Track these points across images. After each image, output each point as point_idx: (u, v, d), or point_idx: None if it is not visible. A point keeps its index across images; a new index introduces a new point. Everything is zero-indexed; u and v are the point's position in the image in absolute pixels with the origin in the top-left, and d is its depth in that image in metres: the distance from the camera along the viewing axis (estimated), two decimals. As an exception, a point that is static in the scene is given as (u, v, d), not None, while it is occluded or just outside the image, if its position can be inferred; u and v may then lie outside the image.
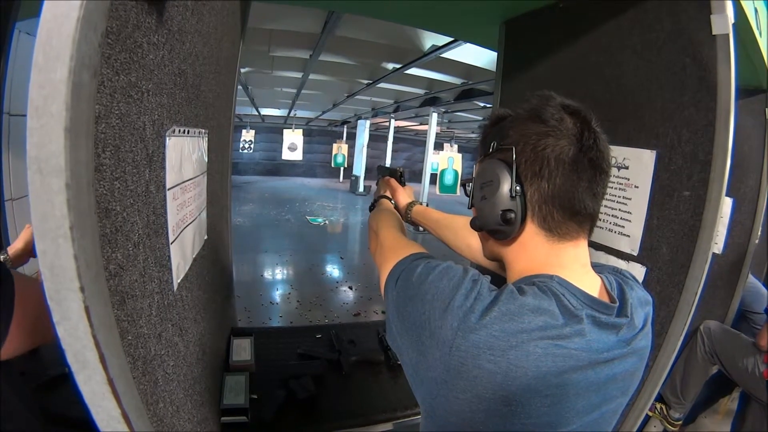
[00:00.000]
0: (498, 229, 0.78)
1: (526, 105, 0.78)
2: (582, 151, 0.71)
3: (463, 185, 0.95)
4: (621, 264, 1.54)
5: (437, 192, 10.28)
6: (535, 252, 0.77)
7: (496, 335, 0.61)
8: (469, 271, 0.72)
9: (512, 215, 0.74)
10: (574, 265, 0.76)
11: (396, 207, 1.48)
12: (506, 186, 0.75)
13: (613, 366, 0.70)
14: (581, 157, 0.71)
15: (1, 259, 1.27)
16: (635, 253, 1.51)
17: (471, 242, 1.28)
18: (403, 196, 1.51)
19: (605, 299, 0.74)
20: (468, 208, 0.91)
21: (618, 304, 0.74)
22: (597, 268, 0.81)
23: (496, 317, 0.63)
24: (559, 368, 0.63)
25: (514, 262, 0.81)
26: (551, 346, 0.63)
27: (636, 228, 1.50)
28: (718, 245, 2.73)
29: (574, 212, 0.73)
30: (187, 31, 0.93)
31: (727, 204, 2.68)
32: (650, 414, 2.95)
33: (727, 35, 1.23)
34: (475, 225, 0.85)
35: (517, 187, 0.74)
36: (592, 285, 0.76)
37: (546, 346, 0.62)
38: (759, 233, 2.95)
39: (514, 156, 0.74)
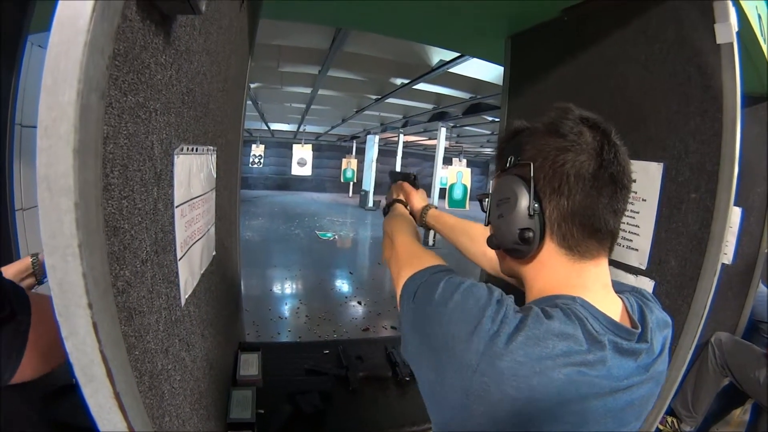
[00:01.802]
0: (516, 248, 0.76)
1: (543, 118, 0.76)
2: (602, 167, 0.69)
3: (480, 201, 0.93)
4: (629, 278, 1.53)
5: (446, 206, 10.23)
6: (555, 271, 0.75)
7: (521, 361, 0.59)
8: (494, 291, 0.70)
9: (530, 234, 0.73)
10: (596, 285, 0.74)
11: (410, 211, 1.46)
12: (524, 203, 0.73)
13: (632, 392, 0.68)
14: (602, 172, 0.69)
15: (31, 261, 1.26)
16: (644, 267, 1.50)
17: (487, 250, 1.24)
18: (418, 199, 1.48)
19: (626, 323, 0.72)
20: (485, 225, 0.89)
21: (640, 329, 0.72)
22: (616, 287, 0.79)
23: (522, 342, 0.61)
24: (582, 395, 0.62)
25: (533, 281, 0.79)
26: (574, 373, 0.61)
27: (644, 241, 1.49)
28: (727, 255, 2.71)
29: (595, 230, 0.71)
30: (195, 50, 0.95)
31: (735, 213, 2.66)
32: (661, 428, 2.91)
33: (731, 44, 1.24)
34: (492, 243, 0.83)
35: (536, 205, 0.72)
36: (614, 307, 0.74)
37: (569, 373, 0.61)
38: (768, 242, 2.92)
39: (531, 172, 0.72)
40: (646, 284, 1.47)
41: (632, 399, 0.69)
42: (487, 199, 0.87)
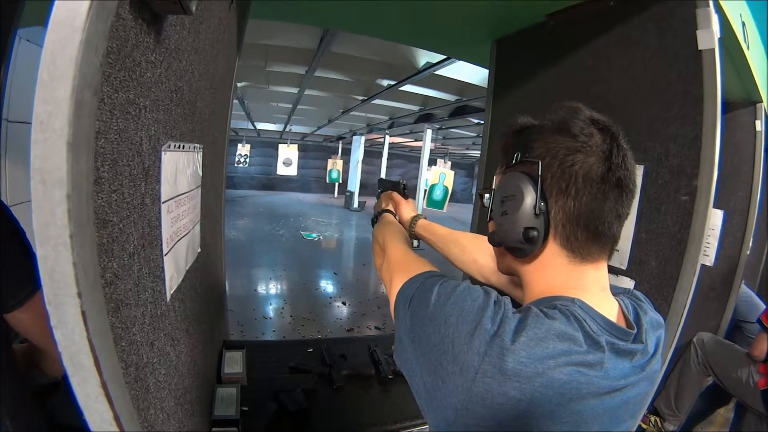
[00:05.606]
0: (518, 246, 0.75)
1: (552, 116, 0.75)
2: (611, 170, 0.68)
3: (480, 196, 0.91)
4: (610, 278, 1.56)
5: (425, 206, 10.21)
6: (555, 273, 0.75)
7: (524, 362, 0.59)
8: (491, 293, 0.69)
9: (535, 234, 0.72)
10: (595, 288, 0.74)
11: (399, 221, 1.43)
12: (530, 202, 0.72)
13: (628, 392, 0.69)
14: (609, 176, 0.68)
15: None
16: (624, 267, 1.53)
17: (478, 258, 1.24)
18: (407, 210, 1.46)
19: (622, 324, 0.73)
20: (486, 221, 0.87)
21: (635, 330, 0.72)
22: (611, 289, 0.79)
23: (524, 342, 0.60)
24: (582, 395, 0.62)
25: (532, 281, 0.78)
26: (575, 373, 0.61)
27: (624, 242, 1.52)
28: (709, 257, 2.75)
29: (598, 233, 0.71)
30: (184, 49, 0.96)
31: (717, 216, 2.71)
32: (644, 427, 2.95)
33: (713, 50, 1.26)
34: (493, 241, 0.82)
35: (542, 204, 0.71)
36: (610, 309, 0.74)
37: (570, 373, 0.61)
38: (750, 244, 2.98)
39: (540, 171, 0.71)
40: (626, 284, 1.50)
41: (628, 398, 0.70)
42: (488, 195, 0.86)
